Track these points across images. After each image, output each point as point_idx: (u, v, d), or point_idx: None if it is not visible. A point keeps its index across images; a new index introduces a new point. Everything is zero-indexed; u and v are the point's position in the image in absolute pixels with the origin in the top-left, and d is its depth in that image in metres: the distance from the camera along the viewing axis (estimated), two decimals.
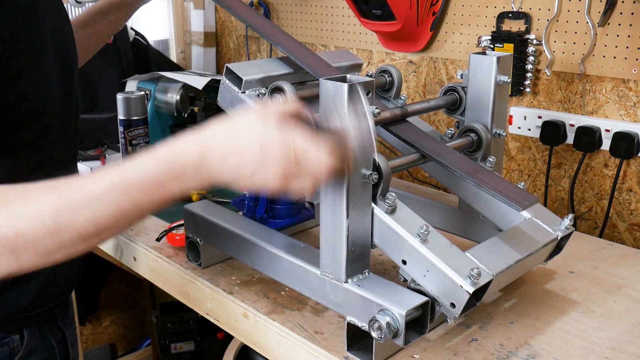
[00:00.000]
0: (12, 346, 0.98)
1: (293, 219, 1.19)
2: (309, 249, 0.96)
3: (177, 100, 1.73)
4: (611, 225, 1.36)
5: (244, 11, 1.14)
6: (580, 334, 0.93)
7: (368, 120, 0.79)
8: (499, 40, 1.42)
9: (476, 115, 1.08)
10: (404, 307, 0.80)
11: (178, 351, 2.27)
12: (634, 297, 1.03)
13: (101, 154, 1.65)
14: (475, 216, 1.11)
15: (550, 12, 1.36)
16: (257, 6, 2.03)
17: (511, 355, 0.87)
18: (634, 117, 1.29)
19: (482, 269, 0.83)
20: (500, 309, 0.99)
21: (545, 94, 1.42)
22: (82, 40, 1.22)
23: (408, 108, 1.04)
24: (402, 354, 0.87)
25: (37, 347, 1.02)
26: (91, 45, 1.32)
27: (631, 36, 1.25)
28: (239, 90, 1.02)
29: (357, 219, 0.85)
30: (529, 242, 0.94)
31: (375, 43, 1.73)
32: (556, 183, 1.45)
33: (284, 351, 0.95)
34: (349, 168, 0.78)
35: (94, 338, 2.44)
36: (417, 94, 1.68)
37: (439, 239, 0.85)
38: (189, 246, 1.13)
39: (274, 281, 1.00)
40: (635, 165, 1.30)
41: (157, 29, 2.31)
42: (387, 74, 1.14)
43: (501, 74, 1.04)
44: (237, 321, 1.02)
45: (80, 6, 2.06)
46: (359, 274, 0.88)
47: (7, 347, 0.97)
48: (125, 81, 1.87)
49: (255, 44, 2.16)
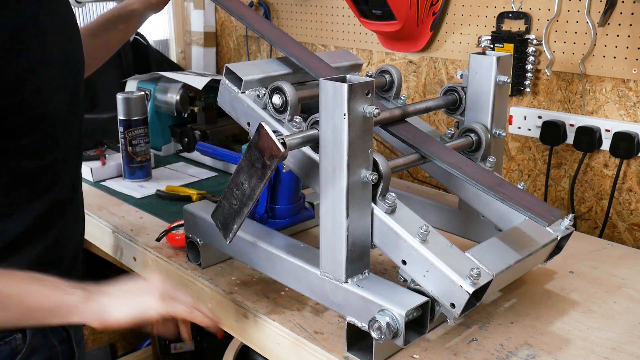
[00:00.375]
0: (14, 345, 0.98)
1: (293, 219, 1.19)
2: (309, 249, 0.96)
3: (177, 100, 1.73)
4: (611, 225, 1.36)
5: (243, 12, 1.14)
6: (580, 334, 0.93)
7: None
8: (499, 40, 1.42)
9: (476, 116, 1.08)
10: (403, 307, 0.80)
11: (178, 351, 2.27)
12: (634, 297, 1.03)
13: (101, 154, 1.65)
14: (475, 216, 1.11)
15: (550, 12, 1.36)
16: (257, 6, 2.03)
17: (511, 355, 0.87)
18: (634, 117, 1.29)
19: (482, 269, 0.83)
20: (500, 309, 0.99)
21: (545, 94, 1.42)
22: (92, 49, 1.22)
23: (408, 108, 1.04)
24: (402, 354, 0.87)
25: (40, 346, 1.02)
26: (100, 54, 1.33)
27: (631, 36, 1.25)
28: (239, 90, 1.02)
29: (357, 219, 0.85)
30: (529, 242, 0.94)
31: (375, 43, 1.73)
32: (556, 183, 1.45)
33: (284, 351, 0.95)
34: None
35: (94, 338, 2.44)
36: (417, 94, 1.68)
37: (439, 239, 0.85)
38: (189, 246, 1.13)
39: (274, 281, 1.00)
40: (635, 165, 1.30)
41: (157, 29, 2.31)
42: (387, 74, 1.14)
43: (501, 74, 1.04)
44: (237, 321, 1.02)
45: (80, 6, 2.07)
46: (359, 274, 0.88)
47: (8, 346, 0.97)
48: (125, 81, 1.88)
49: (255, 44, 2.16)
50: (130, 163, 1.57)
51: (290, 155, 0.93)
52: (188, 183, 1.57)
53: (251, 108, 1.00)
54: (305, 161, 0.93)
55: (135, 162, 1.57)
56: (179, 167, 1.71)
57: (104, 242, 1.35)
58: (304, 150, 0.92)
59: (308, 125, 0.90)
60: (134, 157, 1.56)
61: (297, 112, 0.96)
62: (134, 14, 1.29)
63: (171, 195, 1.47)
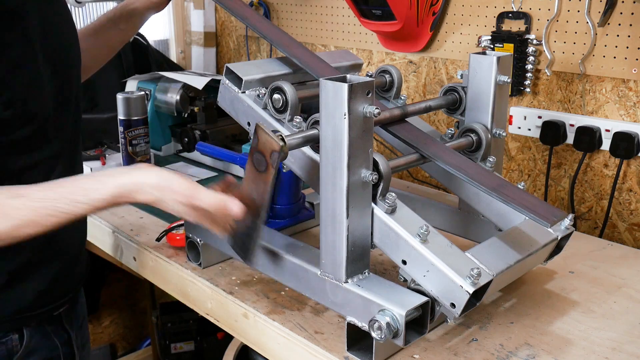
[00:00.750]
0: (10, 346, 0.97)
1: (293, 219, 1.19)
2: (309, 249, 0.96)
3: (177, 100, 1.73)
4: (611, 225, 1.36)
5: (244, 11, 1.14)
6: (580, 334, 0.93)
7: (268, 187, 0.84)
8: (499, 40, 1.42)
9: (476, 116, 1.08)
10: (404, 307, 0.80)
11: (178, 351, 2.27)
12: (634, 297, 1.03)
13: (101, 154, 1.65)
14: (475, 216, 1.11)
15: (550, 12, 1.36)
16: (257, 6, 2.03)
17: (511, 355, 0.87)
18: (634, 117, 1.29)
19: (482, 269, 0.83)
20: (500, 309, 0.99)
21: (545, 94, 1.42)
22: (92, 49, 1.22)
23: (408, 108, 1.04)
24: (402, 354, 0.87)
25: (39, 347, 1.01)
26: (101, 54, 1.32)
27: (631, 36, 1.25)
28: (239, 90, 1.02)
29: (357, 219, 0.85)
30: (529, 242, 0.94)
31: (375, 43, 1.73)
32: (556, 183, 1.45)
33: (284, 351, 0.95)
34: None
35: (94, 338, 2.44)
36: (417, 94, 1.68)
37: (439, 239, 0.85)
38: (189, 246, 1.13)
39: (274, 281, 1.00)
40: (635, 165, 1.30)
41: (157, 29, 2.31)
42: (387, 74, 1.14)
43: (501, 74, 1.04)
44: (237, 321, 1.02)
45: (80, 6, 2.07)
46: (359, 274, 0.88)
47: (4, 346, 0.97)
48: (125, 81, 1.88)
49: (255, 44, 2.16)
50: (130, 163, 1.57)
51: (291, 155, 0.93)
52: None
53: (251, 108, 1.00)
54: (305, 161, 0.93)
55: (135, 162, 1.57)
56: (179, 167, 1.71)
57: (104, 242, 1.35)
58: (304, 150, 0.92)
59: (308, 125, 0.90)
60: (134, 157, 1.56)
61: (297, 112, 0.96)
62: (135, 12, 1.29)
63: None
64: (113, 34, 1.31)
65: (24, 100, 0.90)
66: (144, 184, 0.84)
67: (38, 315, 1.01)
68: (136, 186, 0.84)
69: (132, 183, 0.84)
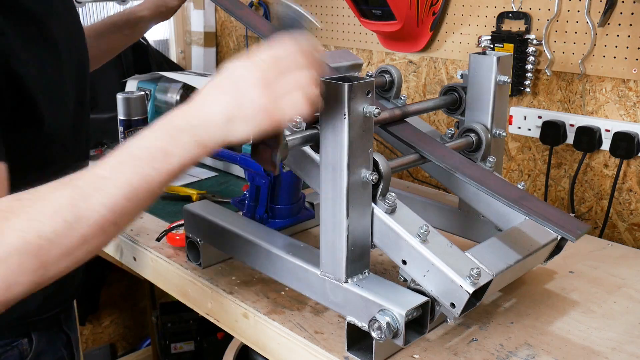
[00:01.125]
0: (21, 349, 0.99)
1: (293, 219, 1.19)
2: (309, 249, 0.96)
3: (177, 100, 1.73)
4: (611, 225, 1.36)
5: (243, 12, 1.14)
6: (580, 334, 0.93)
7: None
8: (499, 40, 1.42)
9: (476, 115, 1.08)
10: (403, 307, 0.80)
11: (178, 351, 2.27)
12: (634, 297, 1.03)
13: (101, 154, 1.65)
14: (475, 216, 1.11)
15: (550, 12, 1.36)
16: (257, 6, 2.03)
17: (511, 355, 0.87)
18: (634, 117, 1.29)
19: (482, 269, 0.83)
20: (500, 309, 0.99)
21: (545, 94, 1.42)
22: (93, 50, 1.22)
23: (408, 108, 1.04)
24: (402, 354, 0.87)
25: (45, 350, 1.02)
26: (102, 55, 1.32)
27: (631, 36, 1.25)
28: None
29: (357, 219, 0.85)
30: (529, 242, 0.94)
31: (375, 43, 1.73)
32: (556, 183, 1.45)
33: (284, 351, 0.95)
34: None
35: (94, 338, 2.44)
36: (417, 94, 1.68)
37: (439, 239, 0.85)
38: (189, 246, 1.13)
39: (274, 281, 1.00)
40: (635, 165, 1.30)
41: (157, 29, 2.31)
42: (387, 74, 1.14)
43: (501, 74, 1.04)
44: (237, 321, 1.02)
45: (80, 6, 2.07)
46: (359, 274, 0.88)
47: (16, 349, 0.98)
48: (125, 81, 1.88)
49: (255, 44, 2.16)
50: None
51: (291, 155, 0.93)
52: (188, 183, 1.57)
53: None
54: (305, 161, 0.93)
55: None
56: None
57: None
58: (304, 149, 0.92)
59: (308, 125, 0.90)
60: None
61: None
62: (142, 20, 1.29)
63: (171, 195, 1.47)
64: (116, 37, 1.31)
65: (48, 105, 0.88)
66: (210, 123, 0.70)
67: (44, 319, 1.02)
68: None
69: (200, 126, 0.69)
